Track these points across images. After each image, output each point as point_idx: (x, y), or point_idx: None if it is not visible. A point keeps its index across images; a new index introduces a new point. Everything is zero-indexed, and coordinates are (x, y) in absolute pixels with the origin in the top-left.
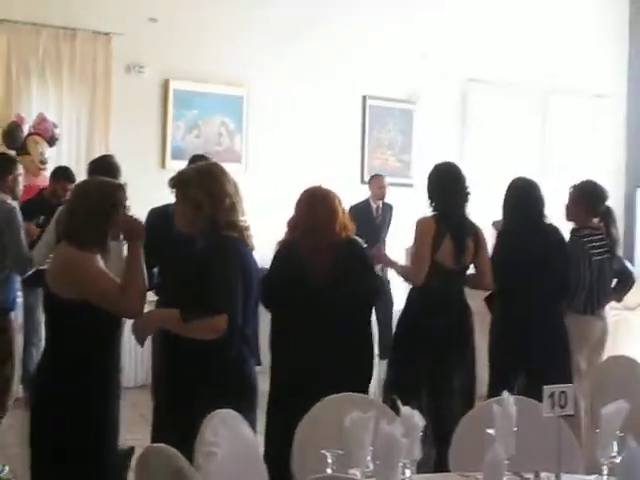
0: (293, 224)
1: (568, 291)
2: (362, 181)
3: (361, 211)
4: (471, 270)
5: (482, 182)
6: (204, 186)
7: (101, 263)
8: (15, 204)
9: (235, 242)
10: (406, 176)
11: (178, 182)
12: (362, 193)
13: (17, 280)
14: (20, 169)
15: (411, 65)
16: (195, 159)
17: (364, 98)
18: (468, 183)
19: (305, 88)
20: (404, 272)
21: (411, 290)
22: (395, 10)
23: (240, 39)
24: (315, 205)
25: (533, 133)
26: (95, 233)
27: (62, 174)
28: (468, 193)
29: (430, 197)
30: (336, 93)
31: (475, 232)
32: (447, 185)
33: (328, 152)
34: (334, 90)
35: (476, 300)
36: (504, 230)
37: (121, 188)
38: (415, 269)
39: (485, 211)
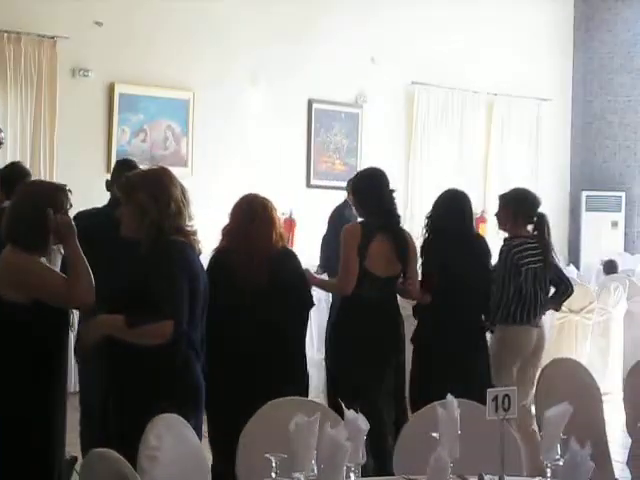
0: (228, 231)
1: (486, 305)
2: (308, 185)
3: (342, 210)
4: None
5: (427, 185)
6: (150, 191)
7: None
8: None
9: (182, 246)
10: None
11: (125, 186)
12: (308, 196)
13: None
14: None
15: (358, 69)
16: (121, 164)
17: (310, 102)
18: (393, 187)
19: (251, 91)
20: (327, 285)
21: (342, 300)
22: (343, 14)
23: (186, 43)
24: (253, 213)
25: (478, 136)
26: (35, 235)
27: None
28: (393, 198)
29: (357, 204)
30: (282, 97)
31: (404, 239)
32: (372, 191)
33: (274, 156)
34: (280, 94)
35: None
36: (430, 242)
37: (60, 190)
38: (343, 277)
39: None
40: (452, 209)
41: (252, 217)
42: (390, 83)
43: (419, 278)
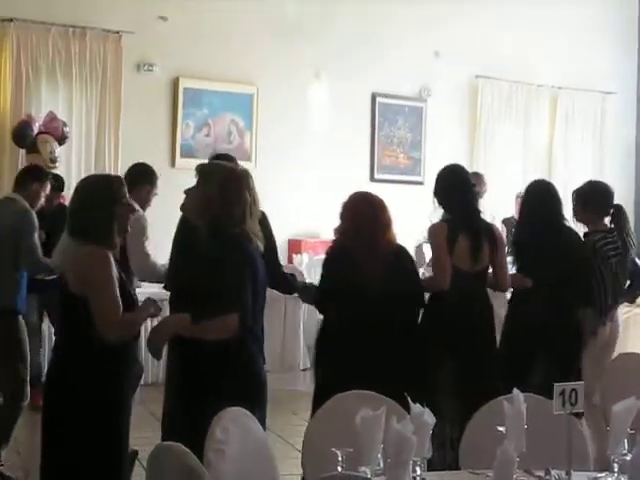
0: (346, 229)
1: (589, 296)
2: (372, 179)
3: None
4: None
5: (492, 179)
6: (223, 184)
7: (114, 269)
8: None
9: (244, 241)
10: (416, 173)
11: (202, 170)
12: (372, 190)
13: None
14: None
15: (421, 62)
16: (219, 157)
17: (374, 96)
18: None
19: (315, 86)
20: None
21: (431, 297)
22: (406, 7)
23: (250, 37)
24: (373, 212)
25: (542, 130)
26: (100, 229)
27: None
28: (476, 193)
29: (440, 202)
30: (346, 91)
31: (490, 232)
32: (455, 187)
33: (338, 150)
34: (344, 88)
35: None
36: (522, 232)
37: (120, 182)
38: (437, 274)
39: (495, 208)
40: (546, 199)
41: (372, 216)
42: (454, 77)
43: (510, 269)
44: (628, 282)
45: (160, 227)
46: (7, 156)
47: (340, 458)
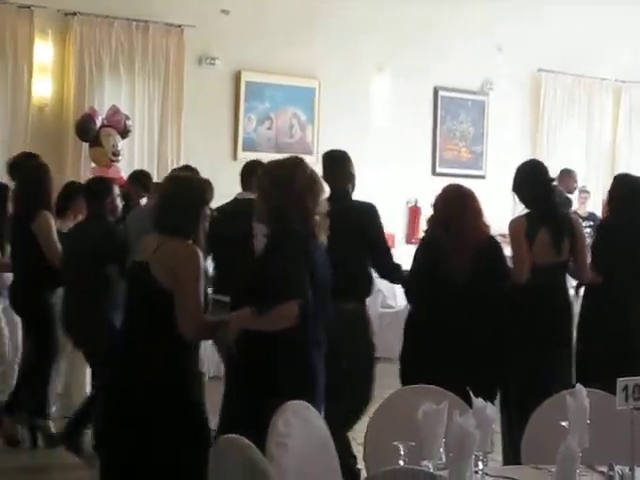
0: (435, 220)
1: None
2: (433, 172)
3: None
4: None
5: (554, 173)
6: (275, 177)
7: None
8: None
9: (302, 238)
10: (478, 167)
11: (258, 174)
12: (433, 184)
13: None
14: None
15: (484, 56)
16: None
17: (436, 89)
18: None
19: (377, 80)
20: None
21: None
22: (469, 1)
23: (312, 31)
24: (464, 205)
25: (606, 124)
26: (192, 227)
27: (141, 181)
28: (552, 187)
29: (520, 197)
30: (408, 85)
31: (570, 225)
32: (534, 182)
33: (399, 144)
34: (406, 82)
35: None
36: (607, 223)
37: (209, 184)
38: (517, 269)
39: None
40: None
41: (463, 208)
42: (516, 70)
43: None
44: None
45: None
46: (70, 149)
47: (402, 452)
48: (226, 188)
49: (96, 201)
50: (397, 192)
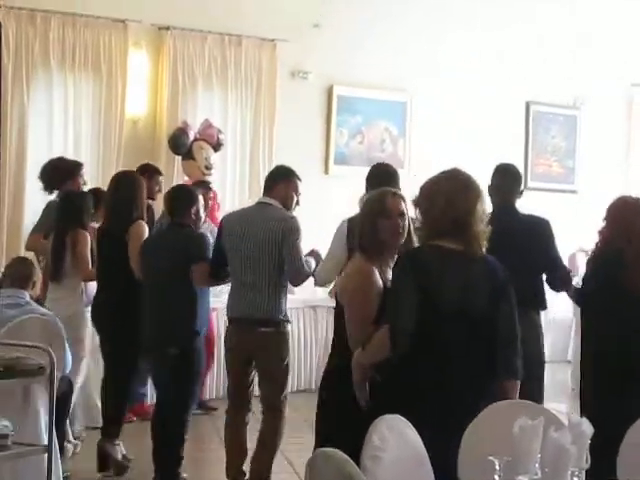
0: (613, 232)
1: None
2: (525, 187)
3: None
4: None
5: None
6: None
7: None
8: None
9: (423, 252)
10: (570, 182)
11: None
12: (526, 199)
13: None
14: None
15: (576, 70)
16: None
17: (527, 104)
18: None
19: (468, 93)
20: None
21: None
22: (560, 14)
23: (403, 44)
24: (634, 212)
25: None
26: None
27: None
28: None
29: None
30: (499, 98)
31: None
32: None
33: (491, 158)
34: (497, 95)
35: None
36: None
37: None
38: None
39: None
40: None
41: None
42: (609, 85)
43: None
44: None
45: (314, 233)
46: (163, 163)
47: (497, 467)
48: (319, 200)
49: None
50: (488, 206)
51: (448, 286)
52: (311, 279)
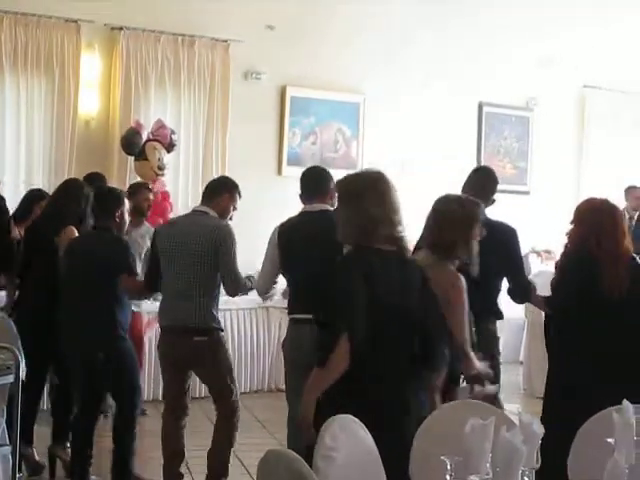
0: (581, 234)
1: None
2: None
3: None
4: None
5: (599, 189)
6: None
7: None
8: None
9: (370, 254)
10: (522, 183)
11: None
12: None
13: None
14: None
15: (528, 72)
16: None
17: (480, 105)
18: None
19: (421, 94)
20: None
21: None
22: (515, 17)
23: (357, 46)
24: (617, 219)
25: None
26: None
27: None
28: None
29: None
30: (452, 100)
31: None
32: None
33: (444, 159)
34: (450, 97)
35: None
36: None
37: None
38: None
39: None
40: None
41: (616, 222)
42: (561, 86)
43: None
44: None
45: (267, 234)
46: (116, 163)
47: (449, 466)
48: (271, 202)
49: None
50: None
51: (390, 285)
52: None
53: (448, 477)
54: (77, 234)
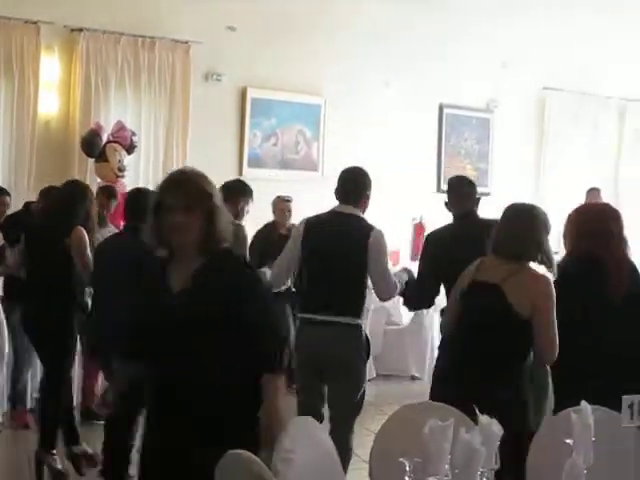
0: (577, 234)
1: None
2: (438, 189)
3: None
4: None
5: (558, 191)
6: None
7: None
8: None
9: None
10: (483, 185)
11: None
12: (438, 201)
13: None
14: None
15: (489, 74)
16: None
17: (441, 106)
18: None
19: (382, 96)
20: None
21: None
22: (474, 19)
23: (318, 48)
24: (610, 220)
25: (610, 143)
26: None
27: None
28: None
29: None
30: (413, 101)
31: None
32: None
33: (405, 160)
34: (411, 98)
35: None
36: None
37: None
38: None
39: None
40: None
41: (609, 223)
42: (521, 88)
43: None
44: None
45: None
46: (76, 165)
47: (408, 468)
48: None
49: None
50: (402, 209)
51: None
52: None
53: (407, 478)
54: (86, 234)
